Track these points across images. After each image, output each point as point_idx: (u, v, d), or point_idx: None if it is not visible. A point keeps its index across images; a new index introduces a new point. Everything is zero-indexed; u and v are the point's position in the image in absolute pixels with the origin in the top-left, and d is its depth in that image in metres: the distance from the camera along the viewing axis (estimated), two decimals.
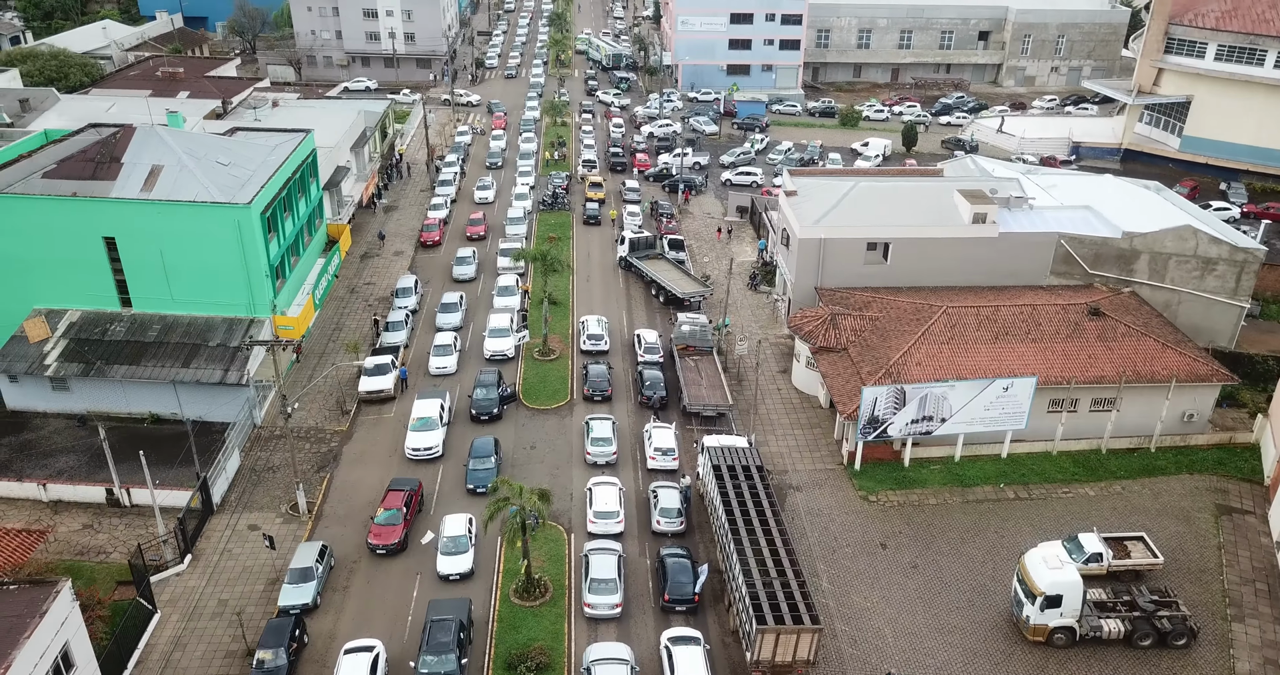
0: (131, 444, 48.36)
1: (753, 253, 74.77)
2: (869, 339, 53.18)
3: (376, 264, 70.37)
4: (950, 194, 61.83)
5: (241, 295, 52.47)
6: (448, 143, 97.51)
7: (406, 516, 42.94)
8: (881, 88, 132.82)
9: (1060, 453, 50.51)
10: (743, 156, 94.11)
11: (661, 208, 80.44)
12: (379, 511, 43.14)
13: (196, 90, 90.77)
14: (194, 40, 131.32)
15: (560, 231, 76.72)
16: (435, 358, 55.75)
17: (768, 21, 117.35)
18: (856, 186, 62.65)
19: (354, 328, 61.25)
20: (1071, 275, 60.41)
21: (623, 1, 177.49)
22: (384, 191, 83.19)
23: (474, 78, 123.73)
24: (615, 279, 69.60)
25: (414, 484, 45.13)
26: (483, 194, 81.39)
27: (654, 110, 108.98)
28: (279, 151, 58.26)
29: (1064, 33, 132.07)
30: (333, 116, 76.04)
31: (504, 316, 59.38)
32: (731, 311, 64.28)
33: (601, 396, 53.51)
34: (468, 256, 67.67)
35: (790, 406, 54.66)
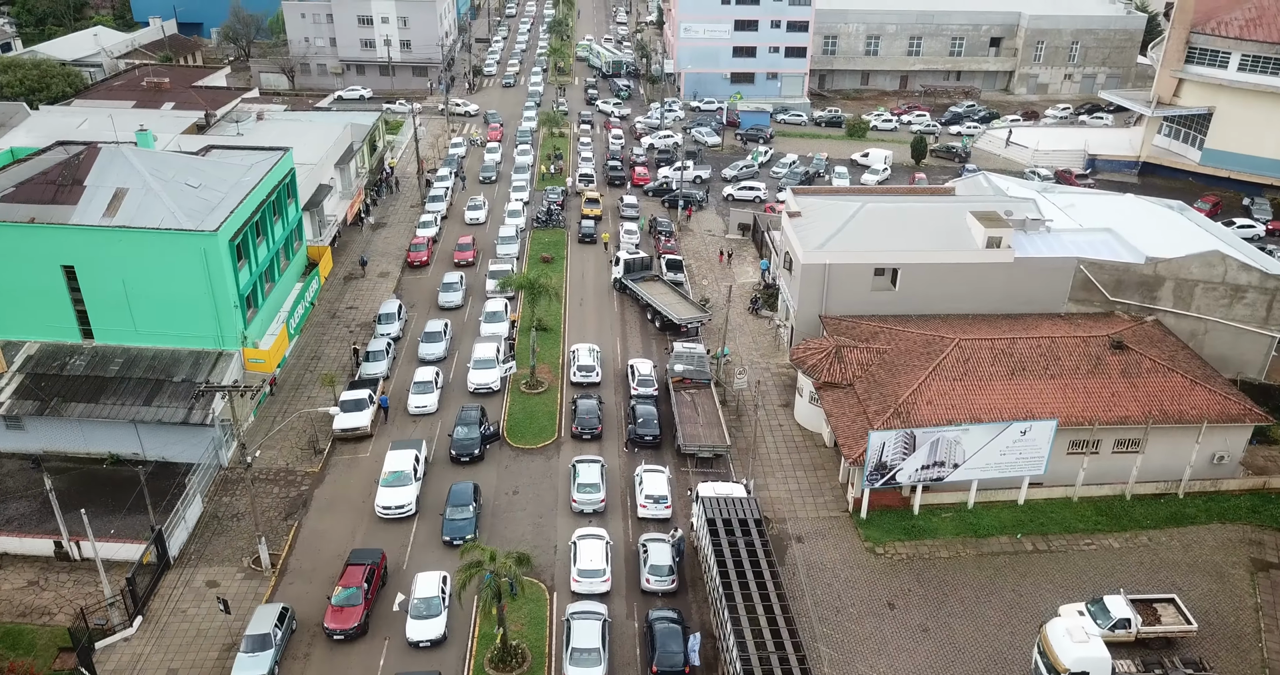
0: (88, 488, 45.66)
1: (754, 273, 71.47)
2: (876, 374, 49.84)
3: (360, 286, 67.27)
4: (963, 216, 58.45)
5: (209, 327, 49.45)
6: (441, 155, 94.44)
7: (368, 595, 38.39)
8: (890, 95, 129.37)
9: (1081, 499, 47.10)
10: (745, 170, 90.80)
11: (660, 225, 77.21)
12: (336, 590, 38.45)
13: (182, 101, 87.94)
14: (186, 47, 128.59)
15: (554, 250, 73.53)
16: (415, 396, 52.31)
17: (773, 28, 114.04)
18: (863, 208, 59.29)
19: (333, 357, 58.17)
20: (1091, 302, 57.03)
21: (625, 6, 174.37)
22: (372, 208, 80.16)
23: (471, 86, 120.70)
24: (610, 302, 66.39)
25: (376, 556, 40.39)
26: (474, 215, 77.74)
27: (655, 120, 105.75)
28: (254, 172, 55.25)
29: (1078, 39, 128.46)
30: (318, 130, 73.08)
31: (490, 346, 56.20)
32: (731, 338, 61.03)
33: (590, 435, 50.29)
34: (454, 282, 64.37)
35: (792, 445, 51.35)
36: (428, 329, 58.83)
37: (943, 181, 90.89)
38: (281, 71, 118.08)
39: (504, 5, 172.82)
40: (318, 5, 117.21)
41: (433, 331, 58.47)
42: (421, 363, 56.66)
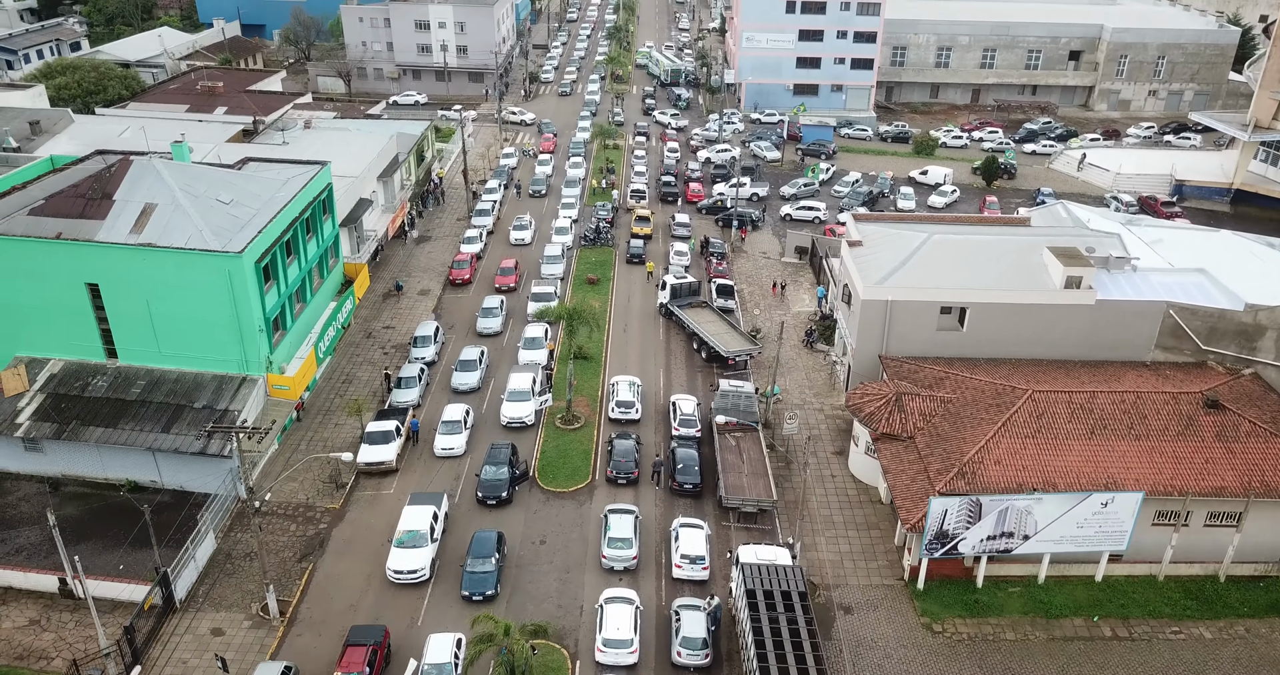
0: (103, 516, 43.96)
1: (810, 301, 67.52)
2: (940, 426, 45.68)
3: (398, 305, 64.96)
4: (1039, 251, 53.88)
5: (233, 351, 47.35)
6: (492, 165, 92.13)
7: None
8: (960, 109, 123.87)
9: (1168, 578, 42.40)
10: (805, 188, 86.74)
11: (713, 246, 73.63)
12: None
13: (234, 106, 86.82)
14: (247, 49, 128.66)
15: (600, 271, 70.48)
16: (442, 436, 49.16)
17: (839, 39, 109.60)
18: (930, 239, 55.07)
19: (365, 380, 55.83)
20: (1181, 351, 52.02)
21: (689, 12, 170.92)
22: (417, 220, 78.02)
23: (527, 93, 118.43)
24: (655, 329, 63.07)
25: (379, 635, 36.58)
26: (519, 234, 74.29)
27: (713, 132, 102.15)
28: (289, 187, 53.15)
29: (1164, 53, 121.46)
30: (363, 141, 71.06)
31: (526, 377, 53.25)
32: (783, 374, 57.25)
33: (626, 479, 47.01)
34: (494, 308, 61.47)
35: (845, 499, 47.44)
36: (462, 357, 55.98)
37: (1014, 207, 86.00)
38: (338, 75, 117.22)
39: (565, 10, 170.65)
40: (376, 9, 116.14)
41: (467, 360, 55.62)
42: (454, 394, 53.87)
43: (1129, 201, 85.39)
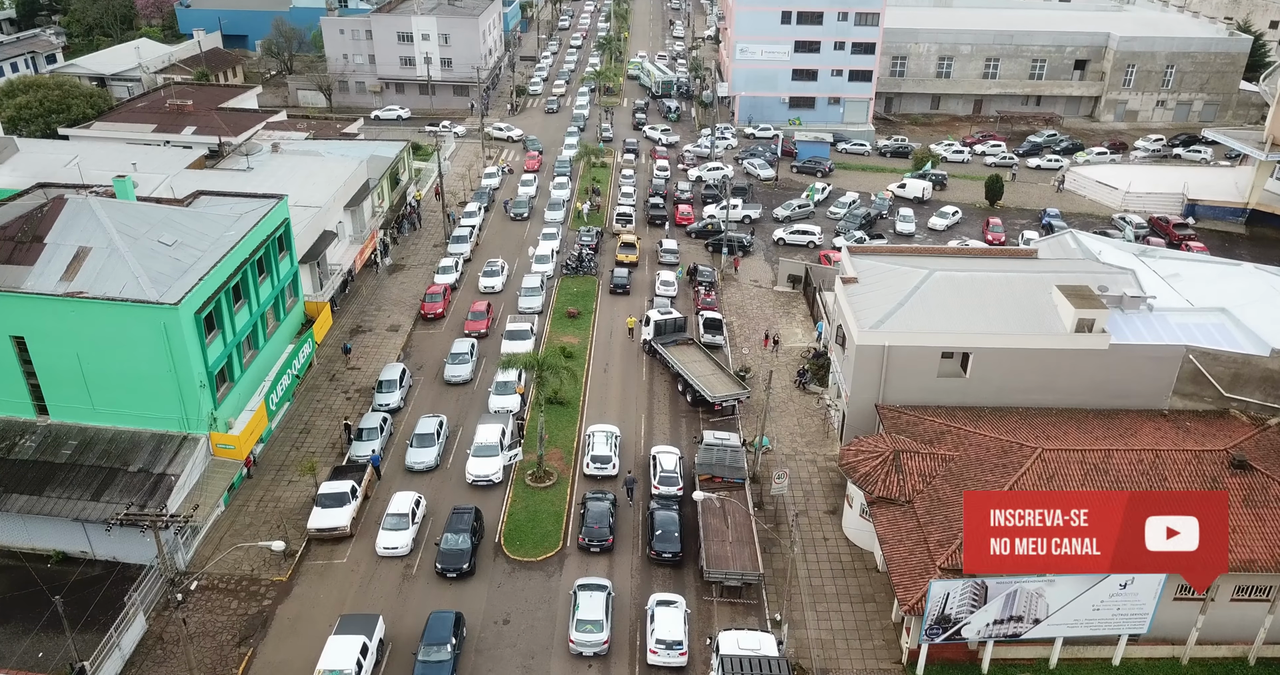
0: (28, 592, 40.08)
1: (803, 335, 63.67)
2: (941, 490, 41.81)
3: (366, 343, 61.16)
4: (1047, 290, 50.08)
5: (173, 409, 43.59)
6: (473, 186, 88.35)
7: None
8: (962, 121, 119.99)
9: (1193, 661, 38.54)
10: (800, 210, 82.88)
11: (702, 274, 69.79)
12: None
13: (204, 125, 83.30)
14: (226, 62, 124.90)
15: (582, 303, 66.64)
16: (386, 533, 42.97)
17: (836, 50, 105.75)
18: (930, 277, 51.25)
19: (324, 431, 52.03)
20: (1201, 398, 48.21)
21: (684, 20, 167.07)
22: (391, 247, 74.24)
23: (513, 107, 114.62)
24: (637, 368, 59.25)
25: None
26: (489, 282, 67.11)
27: (704, 149, 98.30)
28: (240, 225, 49.39)
29: (1173, 63, 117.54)
30: (331, 167, 67.27)
31: (494, 428, 49.39)
32: (773, 419, 53.43)
33: (600, 547, 43.18)
34: (464, 353, 57.45)
35: (838, 566, 43.60)
36: (419, 430, 49.66)
37: (1019, 228, 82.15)
38: (318, 89, 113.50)
39: (556, 18, 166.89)
40: (357, 21, 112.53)
41: (424, 433, 49.30)
42: (407, 473, 48.53)
43: (1138, 223, 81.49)
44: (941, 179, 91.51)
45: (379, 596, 41.02)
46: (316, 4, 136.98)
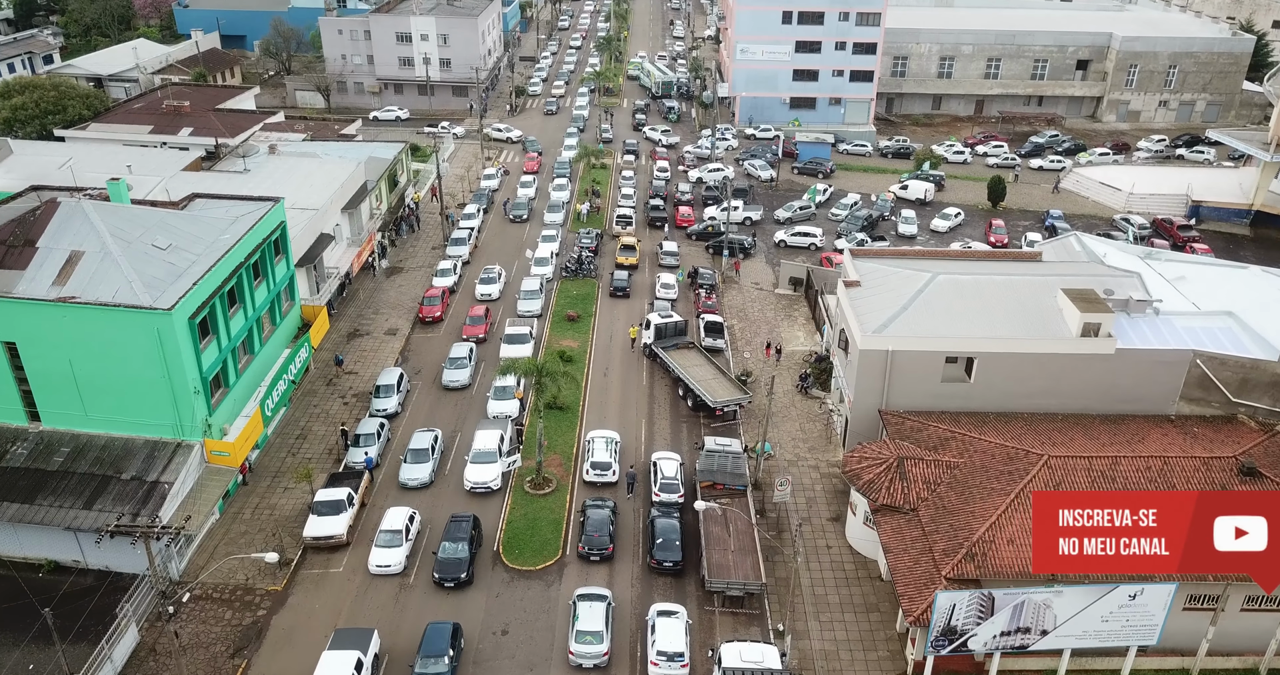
0: (20, 602, 39.43)
1: (805, 339, 63.07)
2: (945, 497, 41.24)
3: (364, 346, 60.57)
4: (1053, 294, 49.46)
5: (167, 415, 42.99)
6: (472, 187, 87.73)
7: None
8: (963, 121, 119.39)
9: (1204, 672, 37.96)
10: (801, 212, 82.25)
11: (702, 277, 69.15)
12: None
13: (200, 126, 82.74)
14: (224, 62, 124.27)
15: (582, 306, 66.02)
16: (379, 550, 41.66)
17: (837, 51, 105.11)
18: (934, 281, 50.63)
19: (321, 436, 51.42)
20: (1209, 403, 47.57)
21: (683, 20, 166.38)
22: (389, 249, 73.63)
23: (512, 107, 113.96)
24: (638, 371, 58.63)
25: None
26: (486, 290, 65.85)
27: (705, 150, 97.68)
28: (235, 228, 48.78)
29: (1176, 63, 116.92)
30: (329, 169, 66.65)
31: (493, 435, 48.77)
32: (775, 424, 52.84)
33: (600, 556, 42.57)
34: (462, 357, 56.84)
35: (841, 574, 43.02)
36: (413, 445, 48.28)
37: (1021, 229, 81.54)
38: (317, 90, 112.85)
39: (556, 18, 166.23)
40: (356, 21, 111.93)
41: (419, 448, 47.90)
42: (402, 490, 46.96)
43: (1141, 224, 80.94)
44: (939, 179, 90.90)
45: (375, 607, 40.42)
46: (315, 4, 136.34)
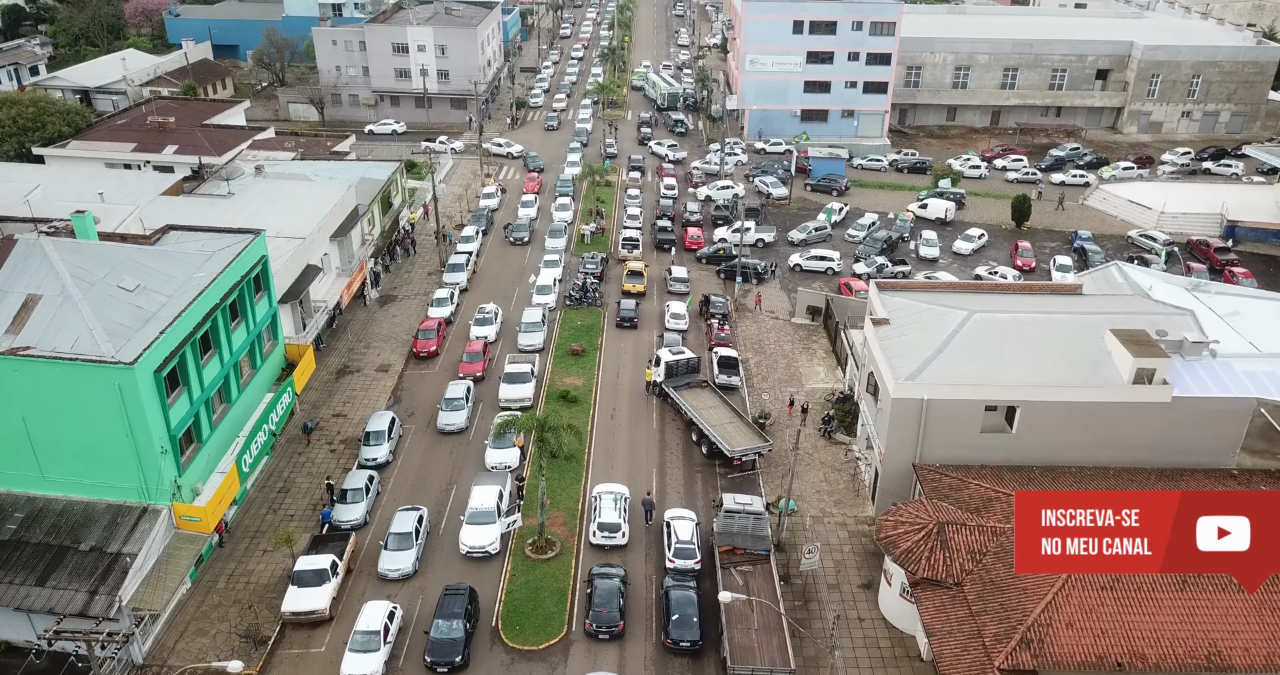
0: None
1: (826, 375, 59.04)
2: (994, 570, 37.16)
3: (353, 385, 56.60)
4: (1099, 334, 45.47)
5: (131, 478, 38.97)
6: (470, 206, 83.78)
7: None
8: (979, 133, 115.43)
9: None
10: (816, 233, 78.23)
11: (715, 306, 65.10)
12: None
13: (186, 144, 78.80)
14: (216, 73, 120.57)
15: (586, 338, 62.01)
16: (352, 656, 36.45)
17: (850, 61, 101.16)
18: (970, 320, 46.59)
19: (305, 490, 47.43)
20: (1273, 455, 43.72)
21: (688, 27, 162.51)
22: (382, 276, 69.67)
23: (514, 120, 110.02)
24: (647, 412, 54.61)
25: None
26: (481, 331, 60.69)
27: (713, 165, 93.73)
28: (211, 265, 44.77)
29: (1199, 72, 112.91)
30: (318, 192, 62.71)
31: (491, 490, 44.71)
32: (797, 473, 48.74)
33: (609, 633, 38.53)
34: (459, 398, 52.88)
35: (875, 653, 38.94)
36: (395, 529, 42.80)
37: (1048, 251, 77.52)
38: (310, 102, 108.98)
39: (558, 26, 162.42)
40: (350, 32, 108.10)
41: (402, 532, 42.46)
42: (382, 580, 41.48)
43: (1166, 240, 77.42)
44: (959, 198, 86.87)
45: None
46: (311, 13, 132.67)
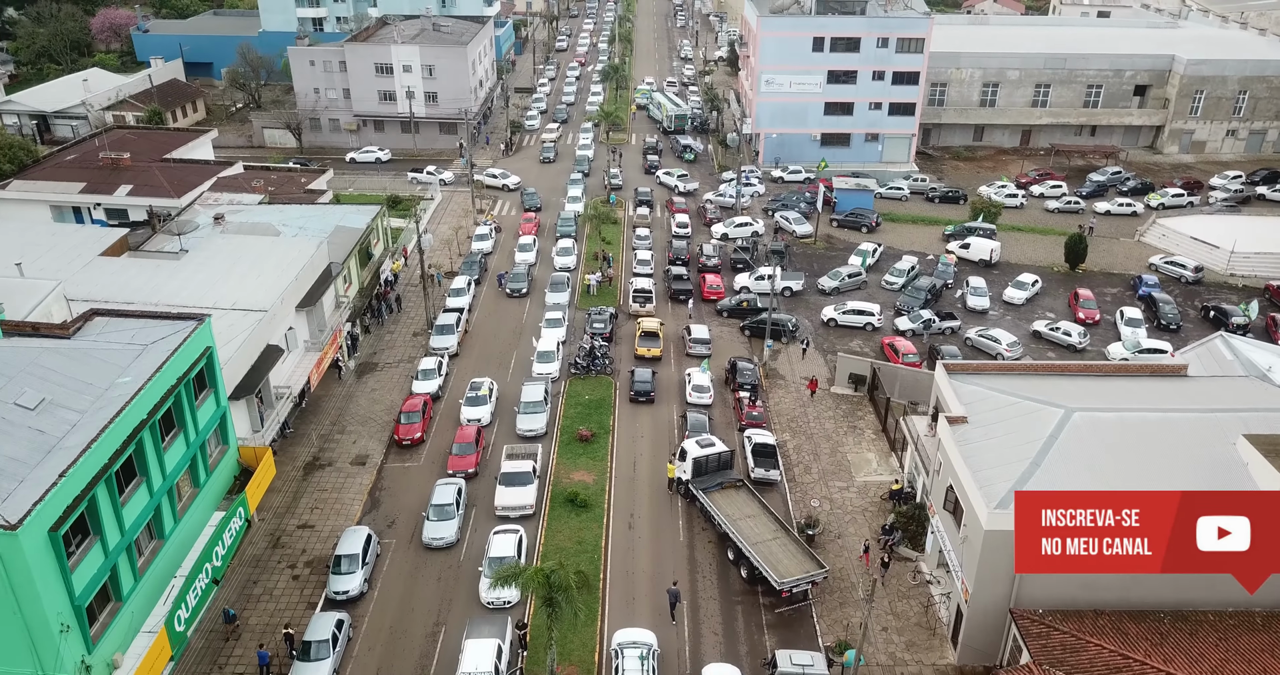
0: None
1: (879, 464, 50.56)
2: None
3: (325, 483, 47.99)
4: (1228, 438, 37.34)
5: (23, 662, 30.29)
6: (462, 249, 75.18)
7: None
8: (1008, 154, 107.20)
9: None
10: (850, 281, 69.75)
11: (743, 373, 56.60)
12: None
13: (142, 183, 70.42)
14: (185, 95, 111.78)
15: (596, 417, 53.45)
16: None
17: (875, 81, 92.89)
18: (1069, 421, 38.38)
19: (259, 631, 38.74)
20: None
21: (691, 39, 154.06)
22: (361, 339, 61.07)
23: (508, 146, 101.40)
24: (671, 520, 46.06)
25: None
26: (473, 413, 52.15)
27: (728, 198, 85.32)
28: (141, 364, 36.14)
29: (1246, 87, 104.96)
30: (284, 250, 54.15)
31: (488, 646, 35.93)
32: (857, 602, 40.28)
33: None
34: (448, 505, 44.31)
35: None
36: None
37: (1109, 299, 69.16)
38: (287, 128, 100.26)
39: (553, 38, 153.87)
40: (330, 51, 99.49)
41: None
42: None
43: (1195, 266, 71.64)
44: (990, 234, 78.19)
45: None
46: (290, 27, 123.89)
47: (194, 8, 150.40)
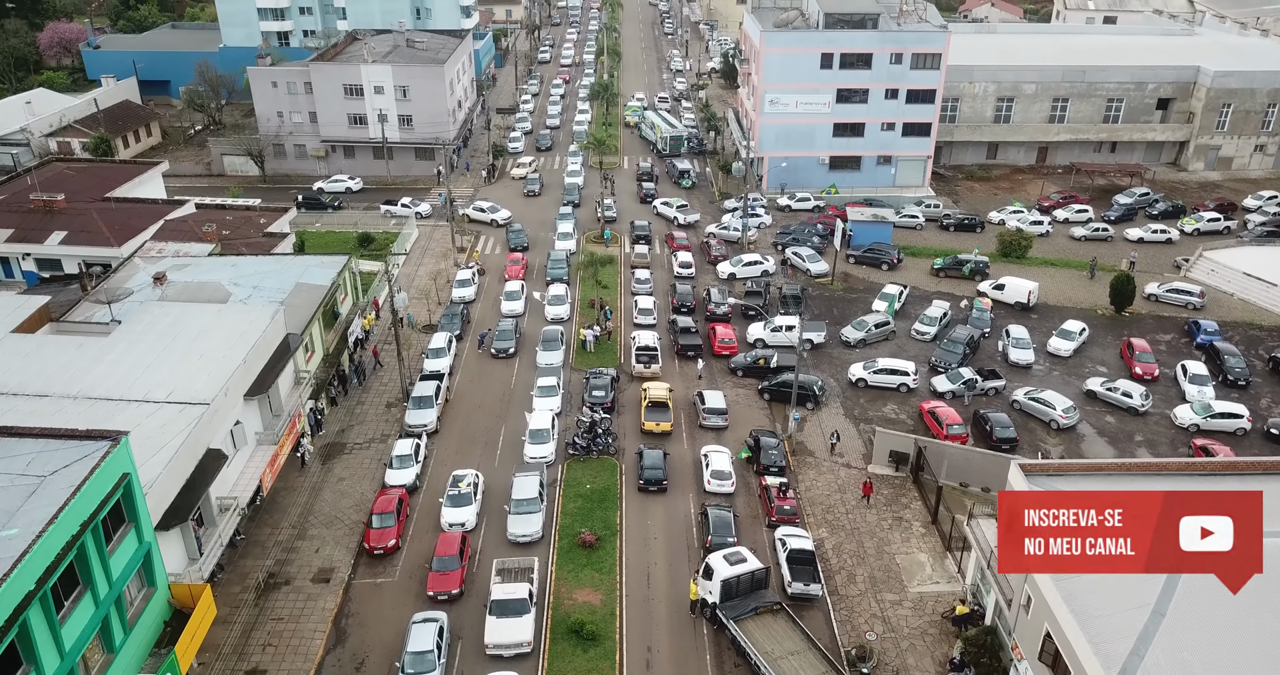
0: None
1: (933, 570, 43.28)
2: None
3: (280, 610, 40.18)
4: None
5: None
6: (440, 299, 67.35)
7: None
8: (1024, 172, 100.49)
9: None
10: (878, 330, 62.47)
11: (769, 451, 49.17)
12: None
13: (77, 229, 62.67)
14: (137, 118, 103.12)
15: (599, 514, 45.84)
16: None
17: (888, 99, 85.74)
18: None
19: None
20: None
21: (681, 50, 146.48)
22: (329, 411, 53.27)
23: (491, 171, 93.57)
24: (697, 656, 38.48)
25: None
26: (456, 515, 44.45)
27: (733, 232, 77.96)
28: (37, 505, 28.37)
29: (1276, 100, 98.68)
30: (235, 318, 46.25)
31: None
32: None
33: None
34: (427, 651, 36.20)
35: None
36: None
37: (1163, 351, 62.13)
38: (248, 155, 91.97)
39: (535, 49, 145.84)
40: (294, 72, 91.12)
41: None
42: None
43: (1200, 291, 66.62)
44: (984, 267, 71.20)
45: None
46: (253, 42, 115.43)
47: (152, 20, 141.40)
